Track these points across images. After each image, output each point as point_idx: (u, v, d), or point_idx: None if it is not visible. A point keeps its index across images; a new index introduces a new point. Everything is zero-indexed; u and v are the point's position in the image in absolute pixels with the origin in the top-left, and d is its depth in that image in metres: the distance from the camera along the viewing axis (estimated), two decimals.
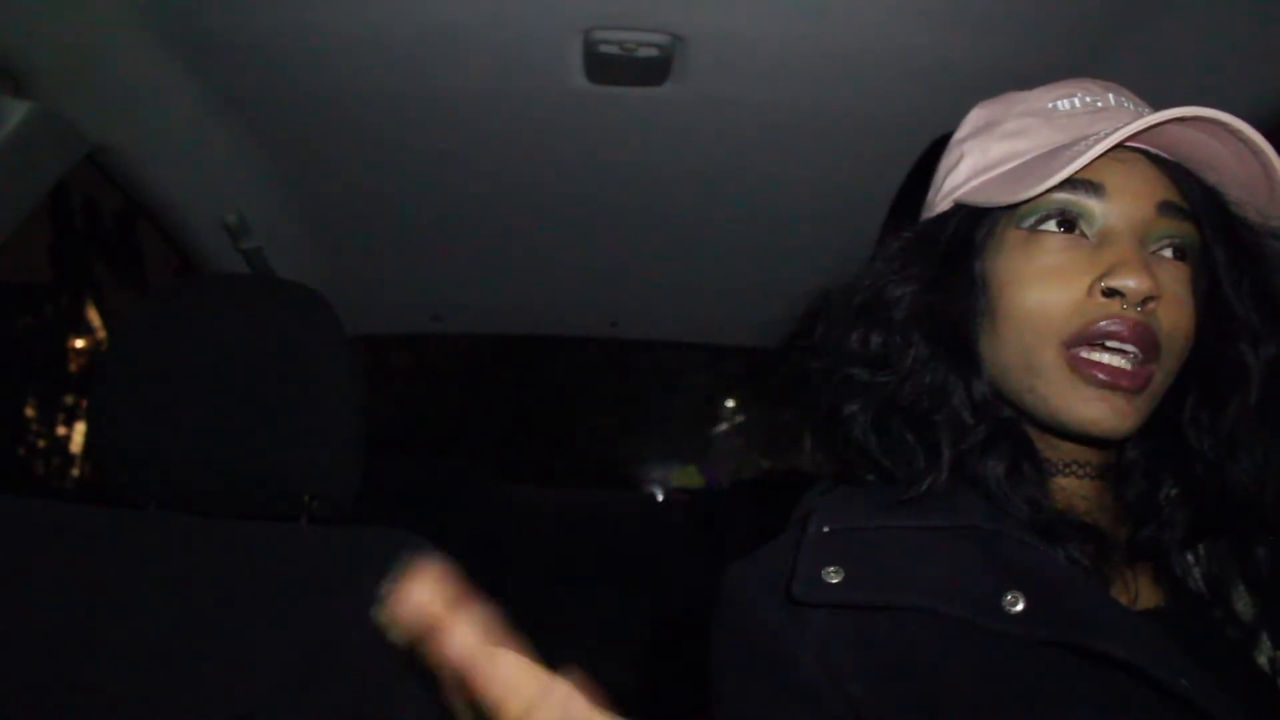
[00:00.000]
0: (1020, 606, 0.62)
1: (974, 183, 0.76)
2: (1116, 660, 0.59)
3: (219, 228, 1.58)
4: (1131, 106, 0.75)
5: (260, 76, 1.29)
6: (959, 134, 0.82)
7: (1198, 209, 0.71)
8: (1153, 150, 0.71)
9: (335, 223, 1.74)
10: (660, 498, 3.57)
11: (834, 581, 0.66)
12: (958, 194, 0.77)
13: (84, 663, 0.97)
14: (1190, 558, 0.72)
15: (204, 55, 1.24)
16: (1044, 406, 0.69)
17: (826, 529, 0.70)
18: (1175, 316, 0.68)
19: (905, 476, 0.71)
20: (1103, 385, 0.66)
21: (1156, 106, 0.67)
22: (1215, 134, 0.67)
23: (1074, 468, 0.73)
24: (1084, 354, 0.67)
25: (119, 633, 0.99)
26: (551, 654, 0.48)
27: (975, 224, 0.75)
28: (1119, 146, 0.67)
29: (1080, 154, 0.66)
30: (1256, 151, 0.67)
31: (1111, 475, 0.75)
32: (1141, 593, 0.70)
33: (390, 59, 1.25)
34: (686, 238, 1.79)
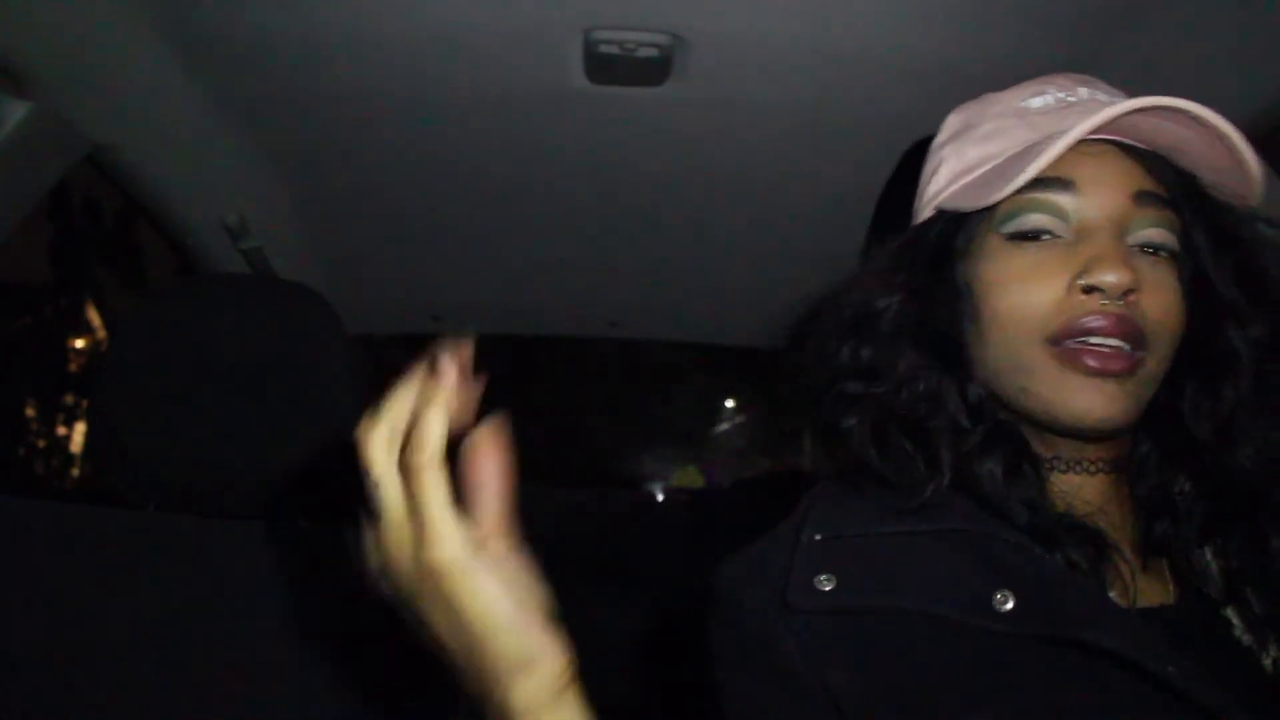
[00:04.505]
0: (1010, 605, 0.62)
1: (952, 188, 0.76)
2: (1105, 652, 0.59)
3: (219, 228, 1.57)
4: (1104, 98, 0.74)
5: (260, 77, 1.28)
6: (938, 139, 0.81)
7: (1176, 195, 0.70)
8: (1127, 141, 0.71)
9: (335, 223, 1.74)
10: (660, 497, 3.56)
11: (826, 589, 0.66)
12: (938, 200, 0.77)
13: (83, 662, 0.98)
14: (1209, 553, 0.71)
15: (204, 55, 1.24)
16: (1037, 404, 0.69)
17: (818, 537, 0.70)
18: (1160, 305, 0.68)
19: (907, 485, 0.70)
20: (1093, 373, 0.65)
21: None
22: (1181, 121, 0.67)
23: (1083, 464, 0.72)
24: (1071, 345, 0.66)
25: (118, 632, 0.99)
26: None
27: (955, 230, 0.74)
28: (1091, 139, 0.67)
29: (1042, 152, 0.66)
30: (1222, 136, 0.67)
31: (1125, 470, 0.74)
32: (1146, 591, 0.69)
33: (390, 59, 1.25)
34: (686, 237, 1.78)
